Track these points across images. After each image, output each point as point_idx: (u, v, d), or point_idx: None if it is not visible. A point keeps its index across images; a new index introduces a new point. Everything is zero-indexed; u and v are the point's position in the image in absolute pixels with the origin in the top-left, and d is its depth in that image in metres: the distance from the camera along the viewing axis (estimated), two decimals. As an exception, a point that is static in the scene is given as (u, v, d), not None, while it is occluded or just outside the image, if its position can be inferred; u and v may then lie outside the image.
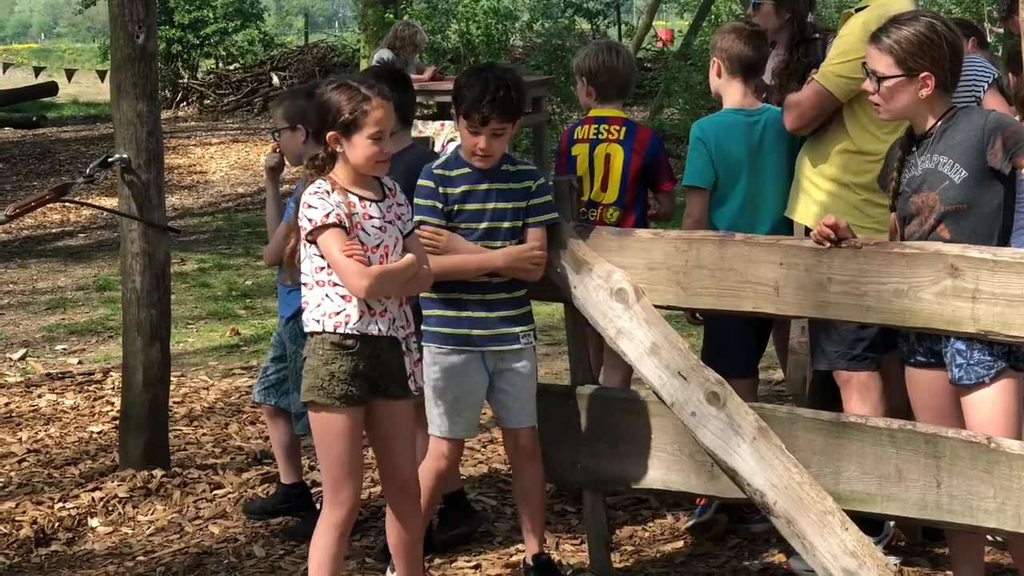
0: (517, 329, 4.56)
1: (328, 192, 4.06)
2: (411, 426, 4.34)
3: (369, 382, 4.11)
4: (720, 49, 5.14)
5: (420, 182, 4.54)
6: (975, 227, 4.04)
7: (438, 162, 4.58)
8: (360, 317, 4.07)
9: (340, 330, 4.06)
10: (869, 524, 4.76)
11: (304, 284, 4.15)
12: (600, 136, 5.48)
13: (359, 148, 4.06)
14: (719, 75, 5.18)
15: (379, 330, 4.10)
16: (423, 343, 4.53)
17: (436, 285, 4.45)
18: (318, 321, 4.09)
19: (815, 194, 4.93)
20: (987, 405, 4.02)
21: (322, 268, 4.08)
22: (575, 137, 5.54)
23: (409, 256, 4.15)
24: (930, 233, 4.09)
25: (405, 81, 5.20)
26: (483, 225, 4.51)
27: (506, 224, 4.52)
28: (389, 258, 4.12)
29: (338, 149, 4.09)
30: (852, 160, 4.85)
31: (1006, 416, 4.02)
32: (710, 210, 5.13)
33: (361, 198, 4.11)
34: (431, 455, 4.64)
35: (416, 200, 4.48)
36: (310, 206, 4.03)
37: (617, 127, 5.47)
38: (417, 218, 4.41)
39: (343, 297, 4.07)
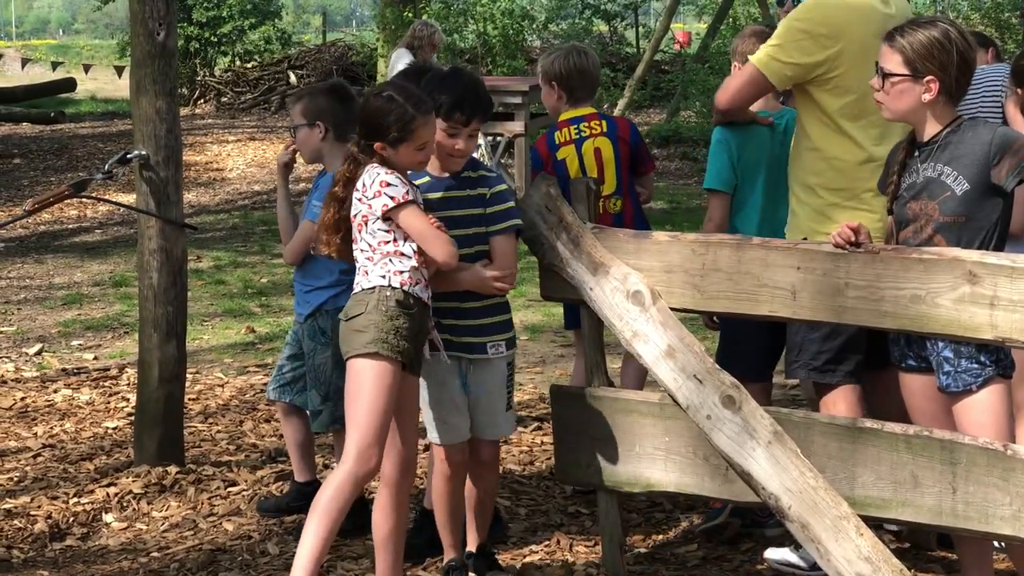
0: (485, 339, 4.53)
1: (392, 173, 4.30)
2: (416, 404, 4.46)
3: (413, 350, 4.31)
4: (741, 53, 5.13)
5: None
6: (970, 239, 4.05)
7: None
8: (418, 283, 4.30)
9: (405, 288, 4.26)
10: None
11: (364, 254, 4.32)
12: (583, 134, 5.59)
13: (404, 156, 4.33)
14: None
15: (426, 298, 4.33)
16: None
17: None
18: (383, 276, 4.28)
19: (794, 201, 4.85)
20: (976, 411, 4.04)
21: (387, 242, 4.29)
22: (556, 142, 5.61)
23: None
24: (926, 242, 4.09)
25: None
26: (452, 233, 4.41)
27: (460, 232, 4.43)
28: None
29: (383, 154, 4.32)
30: (813, 160, 4.75)
31: (996, 421, 4.04)
32: (732, 214, 5.13)
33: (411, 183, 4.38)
34: (434, 461, 4.67)
35: None
36: (389, 184, 4.25)
37: (596, 122, 5.57)
38: None
39: (406, 261, 4.28)
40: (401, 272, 4.28)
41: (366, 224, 4.31)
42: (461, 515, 4.72)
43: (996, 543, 4.38)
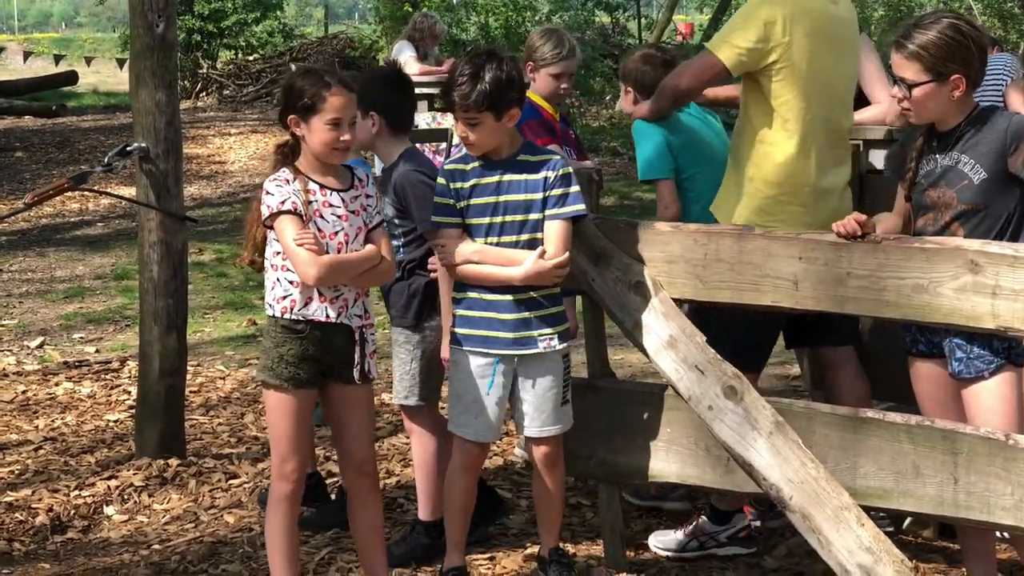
0: (537, 332, 4.38)
1: (288, 180, 4.17)
2: (367, 410, 4.40)
3: (321, 366, 4.22)
4: (627, 76, 5.54)
5: (438, 179, 4.51)
6: (989, 228, 4.03)
7: (454, 156, 4.53)
8: (306, 303, 4.17)
9: (286, 315, 4.18)
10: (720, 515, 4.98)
11: (264, 268, 4.28)
12: None
13: (316, 133, 4.15)
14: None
15: (327, 316, 4.18)
16: (451, 341, 4.48)
17: (461, 285, 4.42)
18: (270, 305, 4.22)
19: (730, 188, 4.85)
20: (987, 397, 4.03)
21: (277, 253, 4.19)
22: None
23: (369, 248, 4.23)
24: (944, 230, 4.08)
25: (403, 84, 5.07)
26: (495, 220, 4.35)
27: (518, 217, 4.35)
28: (347, 247, 4.19)
29: (297, 132, 4.18)
30: (755, 151, 4.73)
31: (1006, 408, 4.03)
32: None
33: (322, 186, 4.20)
34: (455, 451, 4.57)
35: (436, 199, 4.46)
36: (268, 193, 4.15)
37: None
38: (435, 219, 4.43)
39: (291, 282, 4.18)
40: (284, 297, 4.17)
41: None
42: (470, 514, 4.62)
43: (999, 533, 4.37)
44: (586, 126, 18.91)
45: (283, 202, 4.11)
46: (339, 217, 4.18)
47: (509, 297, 4.36)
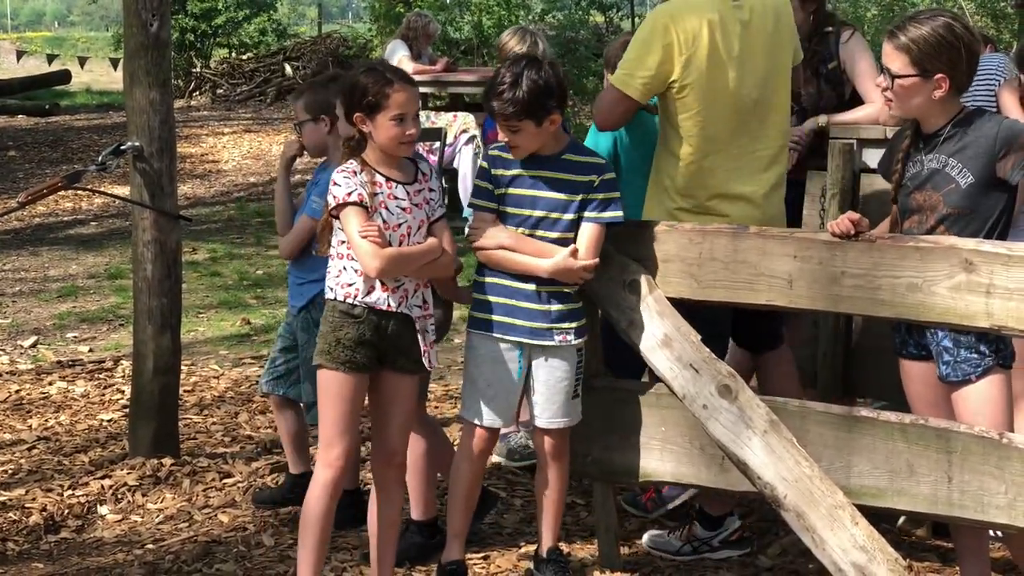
0: (552, 325, 4.42)
1: (355, 172, 4.24)
2: (412, 402, 4.42)
3: (376, 352, 4.25)
4: (610, 62, 5.38)
5: (480, 163, 4.55)
6: (975, 231, 4.03)
7: (499, 143, 4.54)
8: (369, 291, 4.23)
9: (349, 300, 4.23)
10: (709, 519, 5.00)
11: (330, 255, 4.32)
12: None
13: (382, 128, 4.23)
14: None
15: (388, 305, 4.24)
16: (468, 326, 4.52)
17: (485, 268, 4.47)
18: (331, 289, 4.27)
19: (651, 198, 4.87)
20: (975, 399, 4.03)
21: (343, 242, 4.25)
22: None
23: (431, 240, 4.31)
24: (929, 233, 4.08)
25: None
26: (533, 213, 4.39)
27: (554, 215, 4.39)
28: (409, 239, 4.25)
29: (364, 129, 4.25)
30: (668, 162, 4.77)
31: (994, 411, 4.03)
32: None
33: (388, 179, 4.27)
34: (463, 438, 4.59)
35: (475, 182, 4.53)
36: (336, 184, 4.22)
37: None
38: (473, 201, 4.50)
39: (356, 271, 4.23)
40: (349, 284, 4.24)
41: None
42: (474, 504, 4.64)
43: (993, 532, 4.38)
44: (580, 125, 18.91)
45: (349, 193, 4.19)
46: (403, 210, 4.26)
47: (532, 286, 4.41)
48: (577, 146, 4.53)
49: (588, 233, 4.40)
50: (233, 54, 26.44)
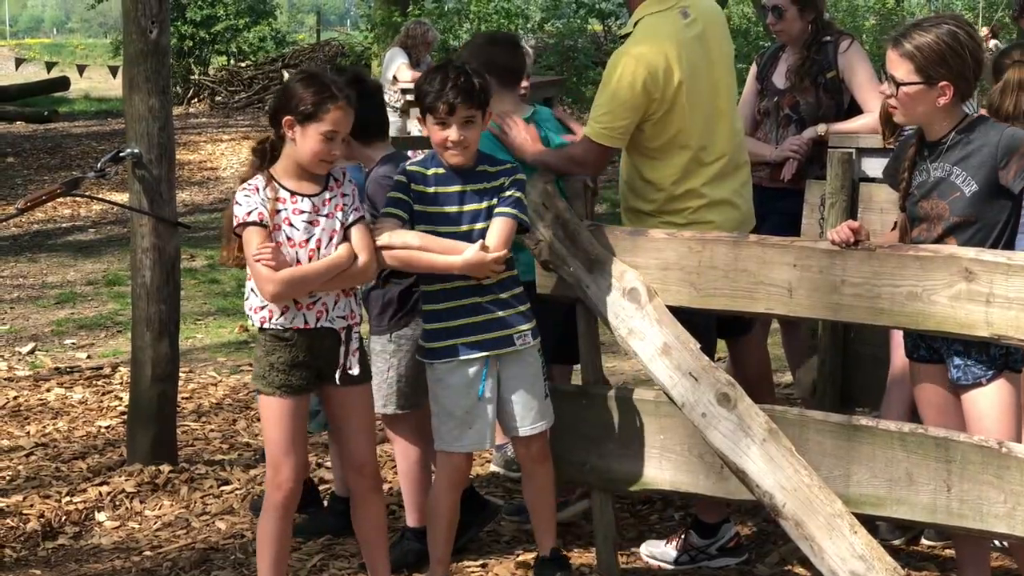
0: (511, 331, 4.44)
1: (258, 188, 4.16)
2: (367, 411, 4.42)
3: (313, 370, 4.23)
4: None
5: (396, 176, 4.49)
6: (982, 240, 4.03)
7: (415, 159, 4.56)
8: (283, 312, 4.18)
9: (266, 325, 4.19)
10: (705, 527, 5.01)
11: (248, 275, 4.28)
12: None
13: (309, 140, 4.13)
14: None
15: (305, 323, 4.19)
16: (425, 359, 4.49)
17: (429, 297, 4.44)
18: (250, 315, 4.25)
19: (627, 215, 4.90)
20: (985, 403, 4.03)
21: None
22: None
23: (336, 254, 4.20)
24: (937, 241, 4.07)
25: (365, 93, 4.85)
26: (461, 228, 4.38)
27: (480, 225, 4.39)
28: (321, 252, 4.17)
29: (288, 134, 4.15)
30: (640, 186, 4.81)
31: (1004, 414, 4.03)
32: None
33: (293, 193, 4.18)
34: (441, 470, 4.57)
35: (388, 194, 4.46)
36: (237, 203, 4.15)
37: None
38: (384, 209, 4.41)
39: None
40: (261, 308, 4.19)
41: None
42: (455, 529, 4.62)
43: (996, 542, 4.37)
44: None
45: (249, 213, 4.11)
46: (310, 223, 4.17)
47: (477, 299, 4.41)
48: (489, 157, 4.54)
49: (499, 226, 4.38)
50: (232, 61, 26.46)
